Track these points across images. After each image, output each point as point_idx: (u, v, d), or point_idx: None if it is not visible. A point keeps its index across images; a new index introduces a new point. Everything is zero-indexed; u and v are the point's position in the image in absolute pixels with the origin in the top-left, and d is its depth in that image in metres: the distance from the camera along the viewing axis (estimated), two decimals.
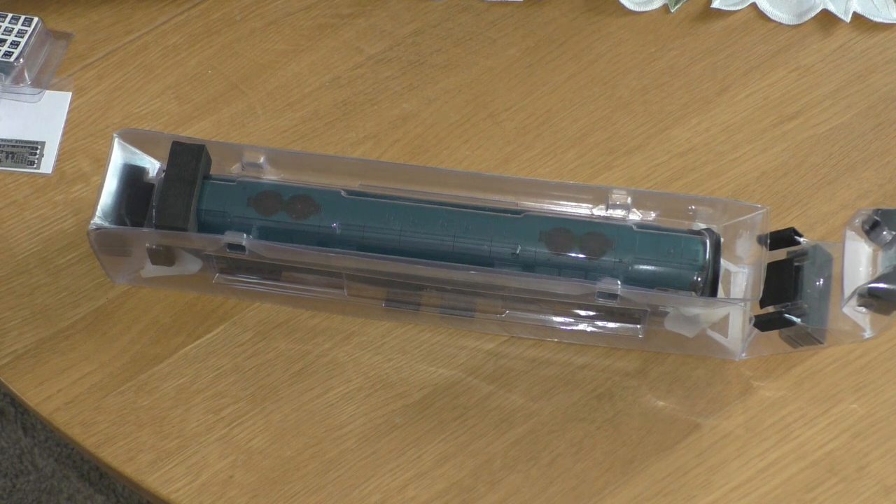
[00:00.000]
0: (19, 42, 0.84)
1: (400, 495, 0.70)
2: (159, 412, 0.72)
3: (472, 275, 0.70)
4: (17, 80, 0.84)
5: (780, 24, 0.89)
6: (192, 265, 0.74)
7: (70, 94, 0.85)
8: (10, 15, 0.86)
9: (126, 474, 0.71)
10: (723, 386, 0.73)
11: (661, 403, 0.72)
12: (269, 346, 0.75)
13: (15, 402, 1.44)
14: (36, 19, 0.85)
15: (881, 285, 0.66)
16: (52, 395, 0.73)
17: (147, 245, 0.73)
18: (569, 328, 0.74)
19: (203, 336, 0.75)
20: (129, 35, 0.88)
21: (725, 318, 0.72)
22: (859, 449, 0.71)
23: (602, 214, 0.73)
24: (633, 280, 0.70)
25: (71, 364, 0.74)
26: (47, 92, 0.84)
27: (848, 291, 0.67)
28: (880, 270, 0.67)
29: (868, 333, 0.68)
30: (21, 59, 0.84)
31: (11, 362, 0.74)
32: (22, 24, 0.85)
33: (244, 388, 0.73)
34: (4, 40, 0.84)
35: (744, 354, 0.72)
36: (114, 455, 0.71)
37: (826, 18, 0.88)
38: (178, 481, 0.70)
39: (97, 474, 1.53)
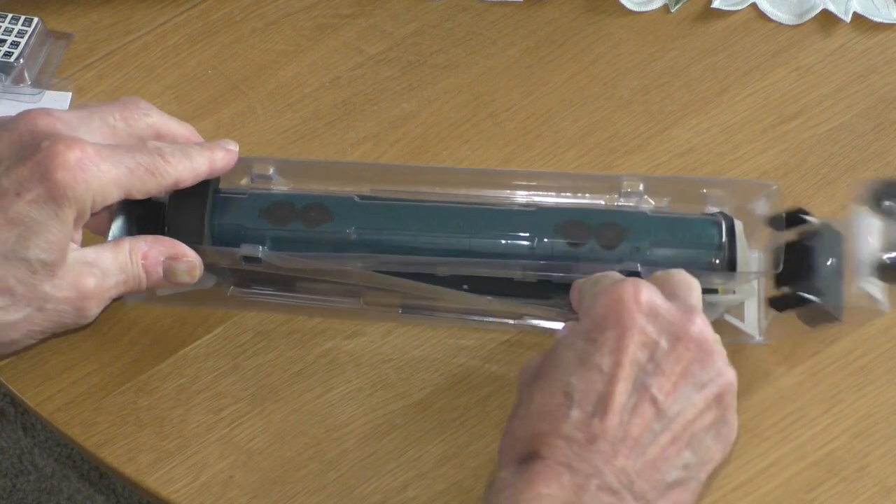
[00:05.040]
0: (19, 42, 0.84)
1: (400, 496, 0.70)
2: (159, 412, 0.72)
3: (491, 270, 0.70)
4: (18, 80, 0.84)
5: (780, 24, 0.89)
6: (207, 280, 0.73)
7: (70, 94, 0.85)
8: (10, 15, 0.86)
9: (126, 474, 0.71)
10: None
11: None
12: (269, 346, 0.75)
13: (15, 402, 1.44)
14: (36, 19, 0.85)
15: (894, 255, 0.66)
16: (52, 396, 0.73)
17: None
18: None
19: (203, 336, 0.75)
20: (129, 35, 0.88)
21: (741, 305, 0.72)
22: (860, 449, 0.71)
23: (615, 203, 0.73)
24: (652, 266, 0.69)
25: (71, 364, 0.74)
26: (47, 92, 0.84)
27: (861, 265, 0.67)
28: (889, 241, 0.67)
29: (886, 306, 0.68)
30: (21, 60, 0.84)
31: (11, 362, 0.74)
32: (22, 25, 0.85)
33: (244, 389, 0.73)
34: (4, 40, 0.84)
35: (761, 338, 0.72)
36: (114, 455, 0.71)
37: (826, 18, 0.89)
38: (179, 481, 0.70)
39: (97, 474, 1.53)
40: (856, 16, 0.88)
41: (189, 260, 0.70)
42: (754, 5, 0.89)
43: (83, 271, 0.67)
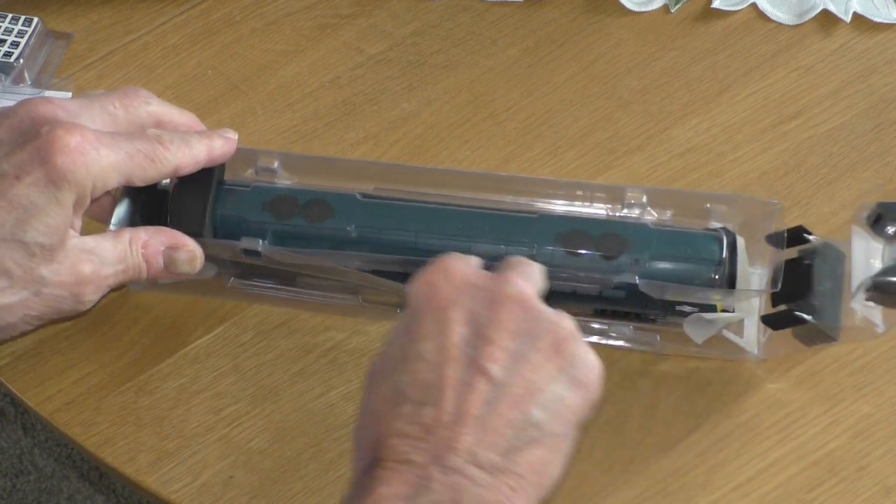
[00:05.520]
0: (19, 42, 0.84)
1: None
2: (159, 412, 0.72)
3: None
4: (17, 80, 0.84)
5: (780, 24, 0.89)
6: (208, 270, 0.73)
7: (70, 94, 0.85)
8: (10, 15, 0.86)
9: (126, 474, 0.71)
10: (723, 386, 0.73)
11: (661, 403, 0.72)
12: (269, 346, 0.75)
13: (15, 402, 1.44)
14: (36, 19, 0.86)
15: (887, 278, 0.66)
16: (52, 396, 0.73)
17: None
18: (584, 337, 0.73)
19: (203, 336, 0.75)
20: (129, 35, 0.88)
21: (741, 321, 0.72)
22: (860, 449, 0.71)
23: (617, 214, 0.73)
24: (650, 278, 0.69)
25: (71, 364, 0.74)
26: (47, 92, 0.84)
27: (855, 286, 0.67)
28: (886, 263, 0.67)
29: (881, 328, 0.68)
30: (21, 60, 0.84)
31: (11, 362, 0.74)
32: (22, 25, 0.85)
33: (244, 389, 0.73)
34: (4, 40, 0.84)
35: (758, 354, 0.72)
36: (114, 455, 0.71)
37: (826, 18, 0.89)
38: (179, 481, 0.70)
39: (97, 474, 1.53)
40: (856, 16, 0.88)
41: (190, 250, 0.70)
42: (754, 5, 0.89)
43: (81, 257, 0.67)
